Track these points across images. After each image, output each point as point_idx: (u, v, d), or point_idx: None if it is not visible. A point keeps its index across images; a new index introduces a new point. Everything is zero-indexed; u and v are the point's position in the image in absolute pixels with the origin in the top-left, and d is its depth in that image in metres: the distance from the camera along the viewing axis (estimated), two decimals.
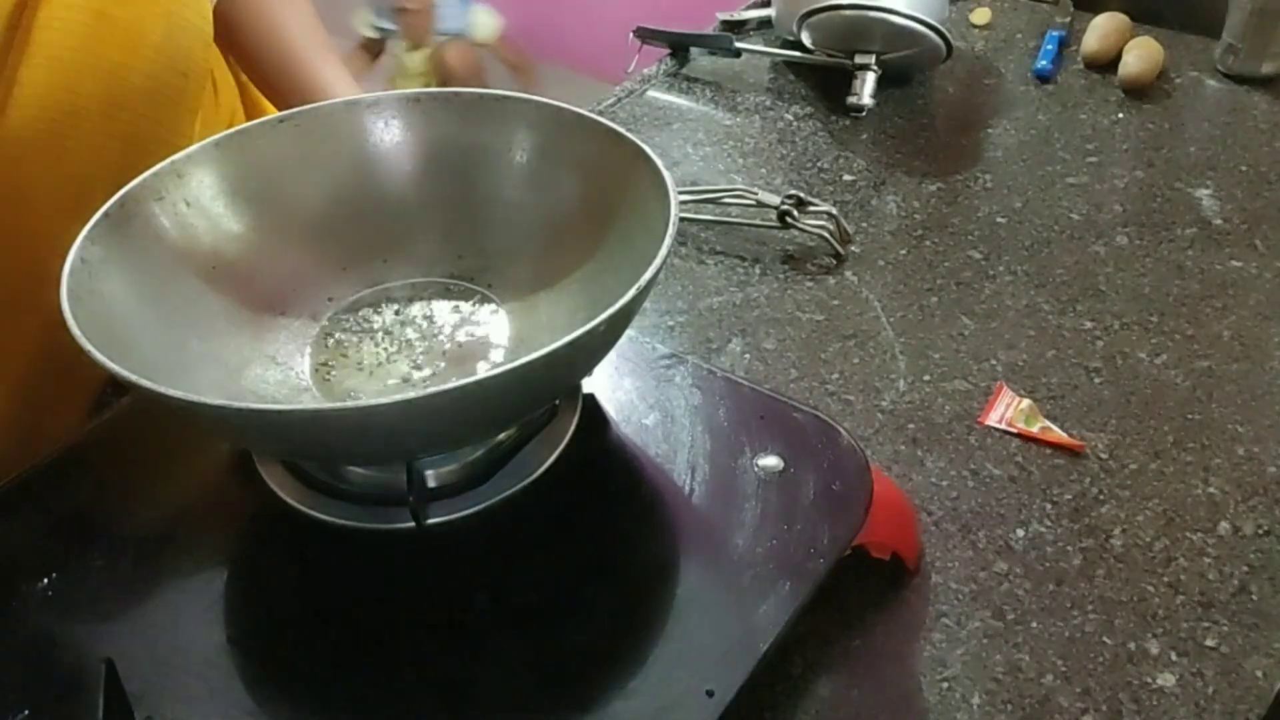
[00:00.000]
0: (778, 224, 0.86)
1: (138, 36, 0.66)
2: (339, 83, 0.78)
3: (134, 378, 0.44)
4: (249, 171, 0.60)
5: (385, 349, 0.59)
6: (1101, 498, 0.65)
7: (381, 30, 2.82)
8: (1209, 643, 0.57)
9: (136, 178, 0.56)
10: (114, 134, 0.67)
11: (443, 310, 0.61)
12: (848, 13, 0.98)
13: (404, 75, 2.78)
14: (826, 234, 0.84)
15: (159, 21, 0.67)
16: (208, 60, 0.75)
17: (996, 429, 0.69)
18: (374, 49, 2.86)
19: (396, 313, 0.61)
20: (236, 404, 0.43)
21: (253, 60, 0.81)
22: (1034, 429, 0.69)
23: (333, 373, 0.58)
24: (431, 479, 0.53)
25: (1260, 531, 0.62)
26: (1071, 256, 0.84)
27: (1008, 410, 0.70)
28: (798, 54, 1.07)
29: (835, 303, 0.80)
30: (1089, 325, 0.77)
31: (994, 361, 0.75)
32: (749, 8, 1.18)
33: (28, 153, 0.64)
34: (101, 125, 0.66)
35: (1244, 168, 0.93)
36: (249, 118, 0.63)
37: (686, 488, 0.54)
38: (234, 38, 0.80)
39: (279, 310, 0.60)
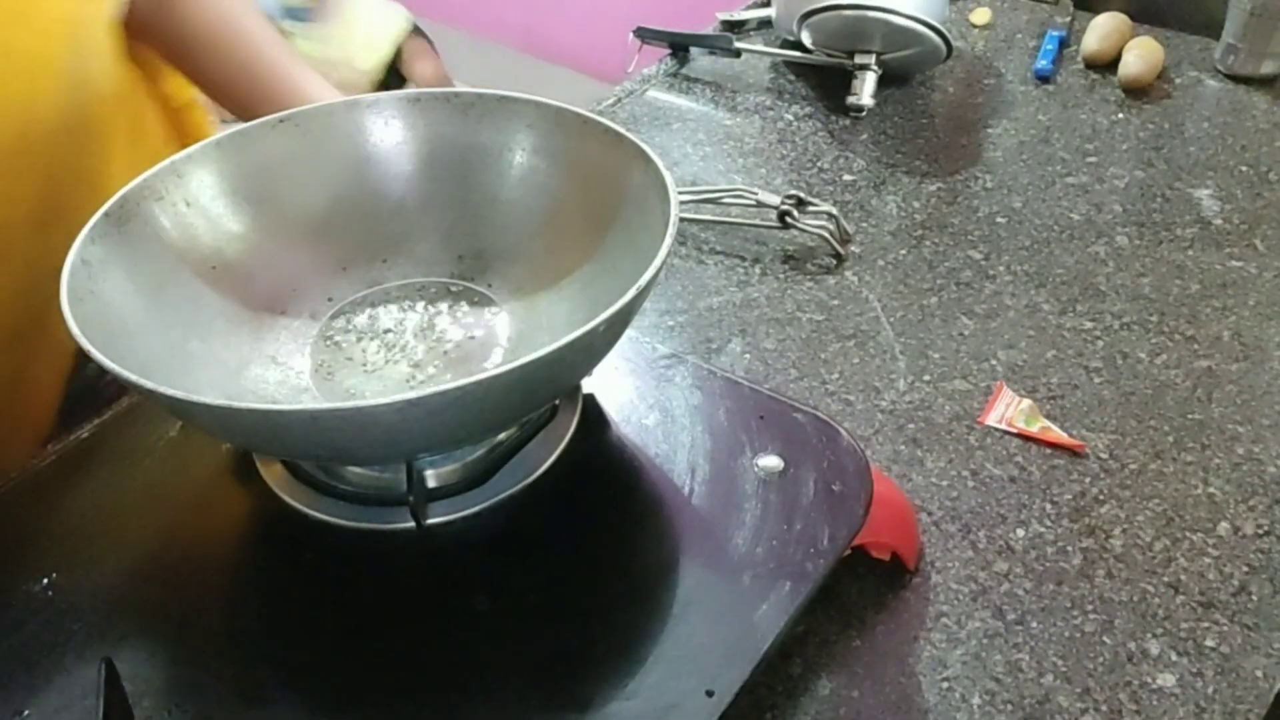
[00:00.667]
0: (778, 224, 0.86)
1: (42, 64, 0.63)
2: (320, 89, 0.75)
3: (134, 378, 0.44)
4: (249, 171, 0.60)
5: (385, 349, 0.59)
6: (1101, 498, 0.65)
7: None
8: (1209, 643, 0.57)
9: (57, 212, 0.52)
10: (30, 169, 0.64)
11: (443, 310, 0.61)
12: (848, 13, 0.98)
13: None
14: (826, 234, 0.84)
15: (61, 45, 0.64)
16: (119, 80, 0.71)
17: (996, 429, 0.69)
18: None
19: (396, 313, 0.61)
20: (236, 404, 0.43)
21: (217, 74, 0.77)
22: (1034, 429, 0.69)
23: (333, 373, 0.58)
24: (431, 479, 0.53)
25: (1260, 531, 0.62)
26: (1071, 256, 0.84)
27: (1008, 410, 0.70)
28: (798, 54, 1.07)
29: (835, 303, 0.80)
30: (1089, 325, 0.77)
31: (994, 361, 0.75)
32: (749, 8, 1.18)
33: None
34: (14, 161, 0.63)
35: (1244, 168, 0.93)
36: (183, 146, 0.60)
37: (686, 488, 0.54)
38: (193, 53, 0.76)
39: (279, 310, 0.60)
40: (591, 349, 0.50)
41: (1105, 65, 1.06)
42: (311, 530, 0.53)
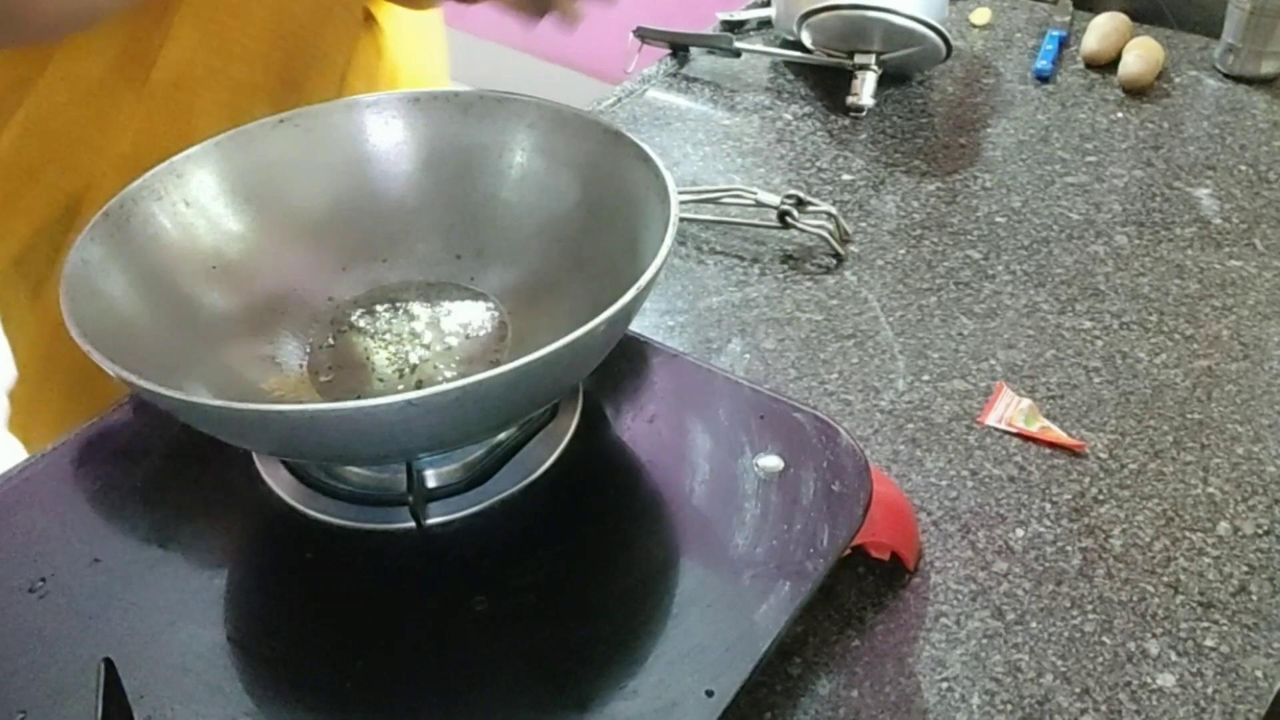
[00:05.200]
0: (777, 224, 0.86)
1: None
2: None
3: (134, 378, 0.44)
4: (249, 171, 0.60)
5: (385, 349, 0.59)
6: (1101, 498, 0.65)
7: None
8: (1209, 643, 0.57)
9: (293, 84, 0.61)
10: (277, 39, 0.72)
11: (442, 310, 0.61)
12: (848, 13, 0.98)
13: None
14: (826, 234, 0.84)
15: None
16: None
17: (996, 429, 0.69)
18: None
19: (396, 313, 0.61)
20: (236, 404, 0.43)
21: None
22: (1034, 429, 0.69)
23: (333, 373, 0.58)
24: (431, 479, 0.53)
25: (1260, 531, 0.62)
26: (1071, 256, 0.84)
27: (1007, 410, 0.70)
28: (798, 54, 1.07)
29: (835, 303, 0.80)
30: (1089, 325, 0.78)
31: (994, 361, 0.75)
32: (749, 8, 1.18)
33: (195, 52, 0.68)
34: (265, 34, 0.71)
35: (1244, 167, 0.93)
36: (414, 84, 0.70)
37: (686, 488, 0.54)
38: None
39: (279, 310, 0.60)
40: (591, 349, 0.50)
41: (1105, 65, 1.06)
42: (311, 530, 0.53)
